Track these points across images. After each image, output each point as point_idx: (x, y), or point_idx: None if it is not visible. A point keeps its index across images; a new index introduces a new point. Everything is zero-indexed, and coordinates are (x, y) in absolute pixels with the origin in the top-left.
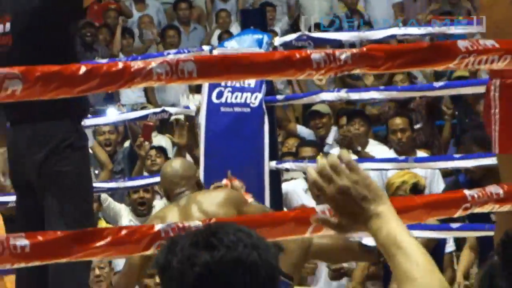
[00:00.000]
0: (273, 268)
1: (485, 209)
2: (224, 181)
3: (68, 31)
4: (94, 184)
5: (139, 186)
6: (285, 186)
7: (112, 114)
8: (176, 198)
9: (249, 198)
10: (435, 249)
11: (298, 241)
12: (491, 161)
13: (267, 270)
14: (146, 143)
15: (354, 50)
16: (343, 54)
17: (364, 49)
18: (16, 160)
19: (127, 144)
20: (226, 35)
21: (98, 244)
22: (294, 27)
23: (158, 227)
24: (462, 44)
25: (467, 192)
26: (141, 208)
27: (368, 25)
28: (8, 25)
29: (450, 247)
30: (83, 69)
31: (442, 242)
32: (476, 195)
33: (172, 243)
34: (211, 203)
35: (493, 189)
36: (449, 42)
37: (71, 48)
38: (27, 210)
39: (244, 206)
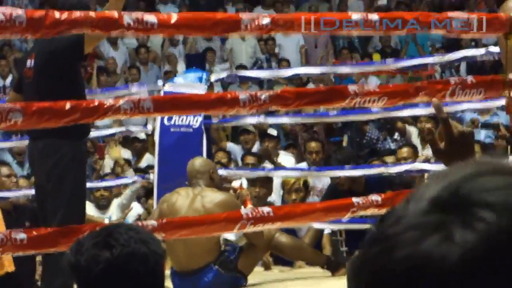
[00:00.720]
0: (159, 255)
1: (368, 212)
2: (237, 184)
3: (74, 69)
4: None
5: (100, 187)
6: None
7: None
8: (192, 185)
9: (250, 205)
10: None
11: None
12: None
13: (155, 258)
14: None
15: (271, 92)
16: (263, 95)
17: (278, 91)
18: (32, 166)
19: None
20: (174, 73)
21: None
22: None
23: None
24: (351, 88)
25: (354, 199)
26: (103, 202)
27: (286, 61)
28: (33, 61)
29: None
30: (68, 105)
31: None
32: (361, 202)
33: (78, 245)
34: (211, 200)
35: (374, 197)
36: (341, 86)
37: (77, 82)
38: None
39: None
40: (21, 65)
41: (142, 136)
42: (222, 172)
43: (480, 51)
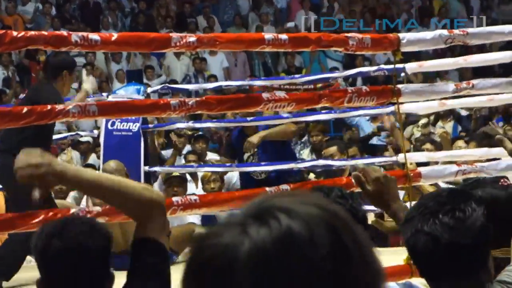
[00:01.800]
0: (103, 247)
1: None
2: None
3: None
4: None
5: None
6: None
7: None
8: None
9: None
10: None
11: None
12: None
13: (98, 251)
14: None
15: (198, 99)
16: (191, 101)
17: (204, 98)
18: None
19: None
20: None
21: (34, 221)
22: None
23: (72, 210)
24: (265, 95)
25: (268, 188)
26: (61, 195)
27: (214, 77)
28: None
29: None
30: (24, 109)
31: None
32: (273, 191)
33: (40, 230)
34: None
35: (284, 186)
36: (256, 94)
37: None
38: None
39: None
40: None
41: (86, 139)
42: (156, 169)
43: (373, 68)
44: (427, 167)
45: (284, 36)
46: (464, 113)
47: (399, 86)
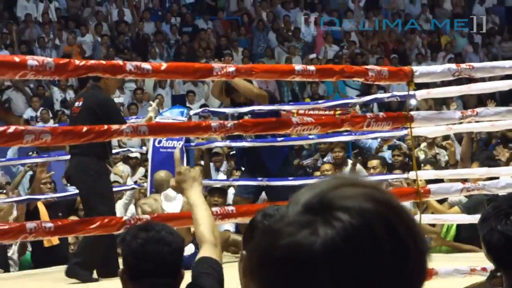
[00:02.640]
0: (179, 243)
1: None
2: None
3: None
4: None
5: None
6: None
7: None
8: (159, 191)
9: None
10: None
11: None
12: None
13: (176, 243)
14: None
15: (235, 121)
16: (229, 123)
17: (240, 121)
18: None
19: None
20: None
21: (92, 226)
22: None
23: (124, 218)
24: (294, 119)
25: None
26: None
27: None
28: (80, 103)
29: None
30: (84, 128)
31: None
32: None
33: (127, 229)
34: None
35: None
36: (287, 118)
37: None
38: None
39: None
40: (71, 104)
41: (135, 154)
42: None
43: (387, 94)
44: (436, 184)
45: (312, 68)
46: None
47: (412, 112)
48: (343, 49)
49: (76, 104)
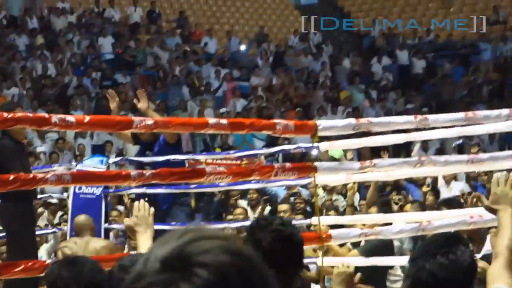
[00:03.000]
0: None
1: None
2: None
3: None
4: None
5: None
6: None
7: None
8: (80, 235)
9: None
10: None
11: None
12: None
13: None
14: None
15: (153, 171)
16: (148, 172)
17: (158, 170)
18: None
19: None
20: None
21: (15, 270)
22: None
23: (48, 261)
24: (208, 169)
25: None
26: None
27: None
28: None
29: None
30: (11, 177)
31: None
32: None
33: (54, 266)
34: (99, 245)
35: None
36: (201, 168)
37: None
38: None
39: None
40: None
41: (55, 200)
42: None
43: (293, 146)
44: (336, 230)
45: (224, 121)
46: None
47: (316, 163)
48: (250, 102)
49: None
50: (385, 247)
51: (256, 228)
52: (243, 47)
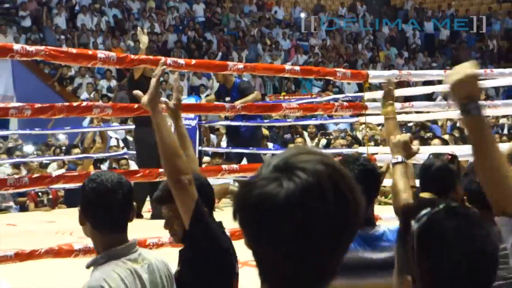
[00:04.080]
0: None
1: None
2: None
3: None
4: None
5: None
6: None
7: None
8: None
9: None
10: None
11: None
12: None
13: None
14: None
15: (243, 104)
16: (238, 105)
17: (246, 104)
18: None
19: None
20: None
21: (136, 175)
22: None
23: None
24: (283, 104)
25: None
26: None
27: None
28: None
29: None
30: (135, 106)
31: None
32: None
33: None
34: None
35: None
36: (278, 103)
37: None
38: None
39: None
40: (114, 89)
41: None
42: (206, 149)
43: (342, 95)
44: (378, 155)
45: (297, 68)
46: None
47: (366, 103)
48: (310, 58)
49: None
50: None
51: (345, 162)
52: (303, 15)
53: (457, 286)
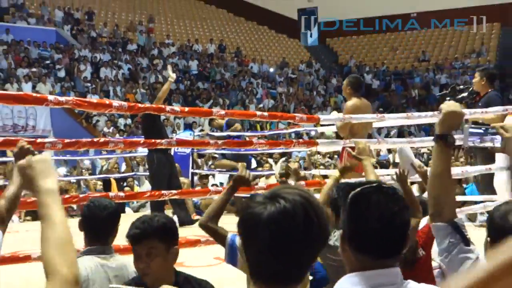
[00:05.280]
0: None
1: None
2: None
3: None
4: None
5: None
6: None
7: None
8: None
9: None
10: None
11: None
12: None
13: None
14: None
15: (223, 140)
16: (220, 141)
17: (225, 141)
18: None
19: None
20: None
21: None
22: (201, 130)
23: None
24: (254, 140)
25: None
26: None
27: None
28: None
29: None
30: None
31: None
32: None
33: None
34: None
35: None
36: (250, 140)
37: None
38: None
39: None
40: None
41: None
42: (200, 171)
43: (301, 129)
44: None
45: (265, 113)
46: None
47: (317, 140)
48: (276, 102)
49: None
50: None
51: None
52: (272, 69)
53: (372, 245)
